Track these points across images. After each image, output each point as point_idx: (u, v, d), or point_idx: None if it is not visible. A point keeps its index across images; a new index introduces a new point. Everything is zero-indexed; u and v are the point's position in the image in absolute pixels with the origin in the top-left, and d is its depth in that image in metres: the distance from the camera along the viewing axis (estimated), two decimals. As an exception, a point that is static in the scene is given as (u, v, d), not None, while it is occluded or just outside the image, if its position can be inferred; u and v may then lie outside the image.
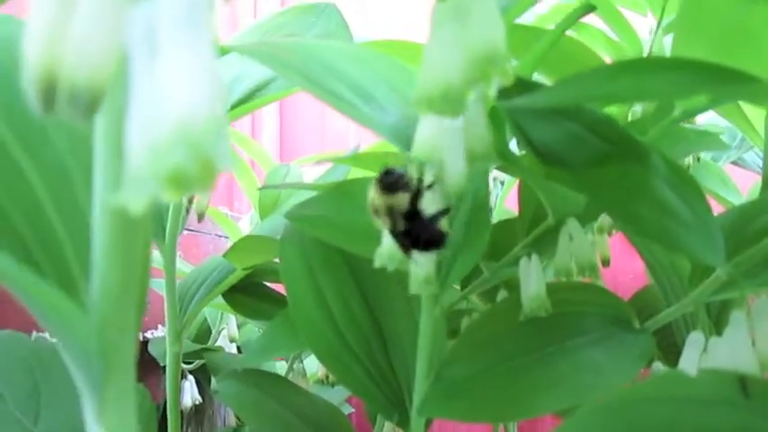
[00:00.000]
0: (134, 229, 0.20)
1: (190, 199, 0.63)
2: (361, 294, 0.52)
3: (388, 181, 0.31)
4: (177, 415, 0.62)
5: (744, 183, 0.88)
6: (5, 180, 0.22)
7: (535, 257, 0.47)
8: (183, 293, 0.60)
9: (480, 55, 0.24)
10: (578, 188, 0.34)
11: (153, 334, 0.91)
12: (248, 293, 0.64)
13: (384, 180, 0.31)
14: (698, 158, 0.78)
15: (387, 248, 0.37)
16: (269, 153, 0.91)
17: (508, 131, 0.39)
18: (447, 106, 0.25)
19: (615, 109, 0.57)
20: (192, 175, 0.14)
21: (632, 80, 0.26)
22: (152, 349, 0.80)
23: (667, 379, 0.34)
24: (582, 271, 0.50)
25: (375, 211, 0.32)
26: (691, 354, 0.43)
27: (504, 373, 0.43)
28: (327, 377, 0.77)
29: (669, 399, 0.33)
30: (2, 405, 0.46)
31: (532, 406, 0.41)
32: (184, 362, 0.87)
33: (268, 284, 0.68)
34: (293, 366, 0.78)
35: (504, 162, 0.38)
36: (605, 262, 0.66)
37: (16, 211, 0.21)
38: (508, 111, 0.31)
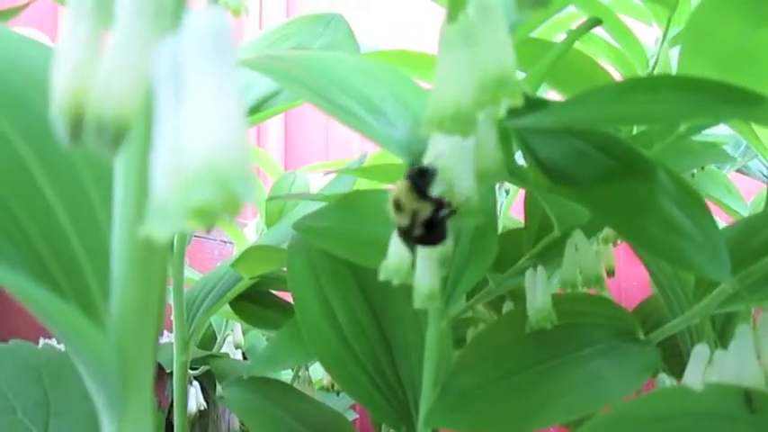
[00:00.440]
0: (153, 251, 0.21)
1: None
2: (367, 304, 0.52)
3: (424, 183, 0.30)
4: (184, 422, 0.63)
5: (748, 190, 0.88)
6: (26, 200, 0.22)
7: (541, 269, 0.48)
8: (191, 302, 0.61)
9: (490, 78, 0.25)
10: (584, 204, 0.34)
11: (159, 340, 0.91)
12: (255, 302, 0.64)
13: (419, 182, 0.30)
14: (702, 167, 0.78)
15: (392, 262, 0.37)
16: (275, 161, 0.91)
17: (514, 144, 0.39)
18: (458, 127, 0.25)
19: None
20: (218, 209, 0.14)
21: (639, 101, 0.27)
22: (158, 356, 0.80)
23: (673, 394, 0.35)
24: (587, 282, 0.50)
25: (397, 208, 0.32)
26: (696, 366, 0.43)
27: (509, 386, 0.43)
28: (333, 385, 0.77)
29: (675, 414, 0.33)
30: (11, 414, 0.47)
31: (538, 418, 0.41)
32: (190, 368, 0.87)
33: (275, 293, 0.68)
34: (299, 374, 0.78)
35: (511, 176, 0.38)
36: (610, 272, 0.66)
37: (36, 231, 0.22)
38: (515, 128, 0.32)
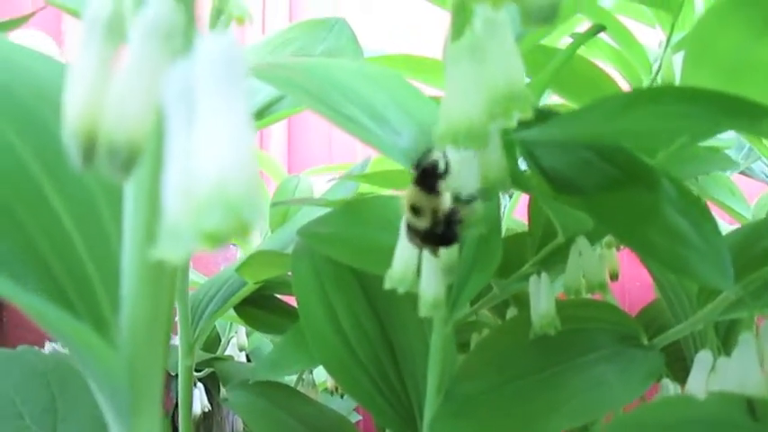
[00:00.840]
0: (162, 268, 0.21)
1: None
2: (372, 309, 0.52)
3: (434, 179, 0.30)
4: (189, 425, 0.63)
5: (751, 192, 0.88)
6: (36, 214, 0.22)
7: (544, 276, 0.48)
8: (195, 306, 0.61)
9: (501, 93, 0.25)
10: (588, 213, 0.34)
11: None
12: (260, 306, 0.65)
13: (430, 180, 0.30)
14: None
15: (397, 270, 0.38)
16: (278, 164, 0.92)
17: (517, 150, 0.39)
18: (471, 142, 0.26)
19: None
20: (228, 233, 0.14)
21: (643, 114, 0.27)
22: (163, 359, 0.80)
23: (676, 402, 0.35)
24: (591, 289, 0.50)
25: (416, 213, 0.31)
26: (699, 373, 0.44)
27: (513, 392, 0.44)
28: (337, 388, 0.78)
29: (678, 422, 0.33)
30: (19, 420, 0.47)
31: (543, 425, 0.41)
32: (194, 370, 0.88)
33: (280, 297, 0.68)
34: (302, 377, 0.78)
35: (515, 183, 0.38)
36: (614, 276, 0.66)
37: (47, 245, 0.22)
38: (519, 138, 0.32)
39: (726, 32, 0.29)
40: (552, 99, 0.68)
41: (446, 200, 0.31)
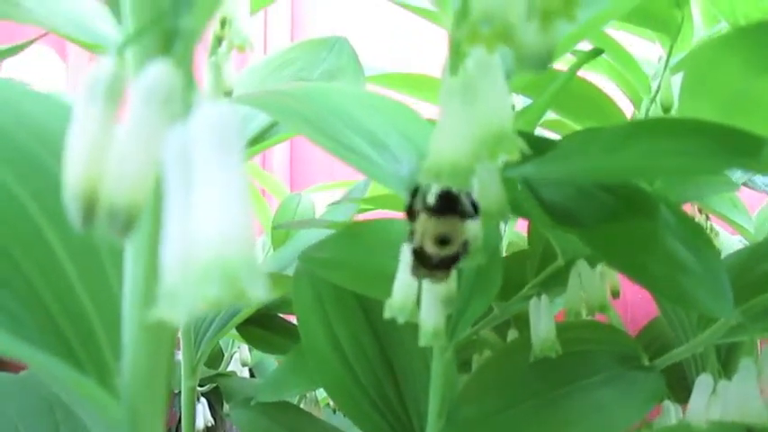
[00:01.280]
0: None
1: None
2: (373, 333, 0.53)
3: (457, 203, 0.29)
4: (192, 446, 0.63)
5: (752, 204, 0.88)
6: (38, 262, 0.23)
7: (545, 298, 0.48)
8: (198, 327, 0.61)
9: (487, 134, 0.25)
10: (586, 242, 0.34)
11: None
12: (262, 326, 0.65)
13: (454, 205, 0.29)
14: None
15: (397, 300, 0.38)
16: (280, 181, 0.92)
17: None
18: (454, 180, 0.26)
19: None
20: (225, 299, 0.15)
21: (640, 151, 0.27)
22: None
23: (677, 431, 0.35)
24: (592, 310, 0.50)
25: (445, 242, 0.30)
26: (700, 396, 0.44)
27: (514, 416, 0.44)
28: (339, 406, 0.78)
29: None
30: (23, 445, 0.47)
31: (544, 450, 0.41)
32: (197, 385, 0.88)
33: (282, 316, 0.68)
34: (305, 394, 0.78)
35: (515, 212, 0.38)
36: (615, 293, 0.66)
37: (50, 295, 0.22)
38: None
39: (723, 66, 0.29)
40: (549, 114, 0.68)
41: (463, 222, 0.30)
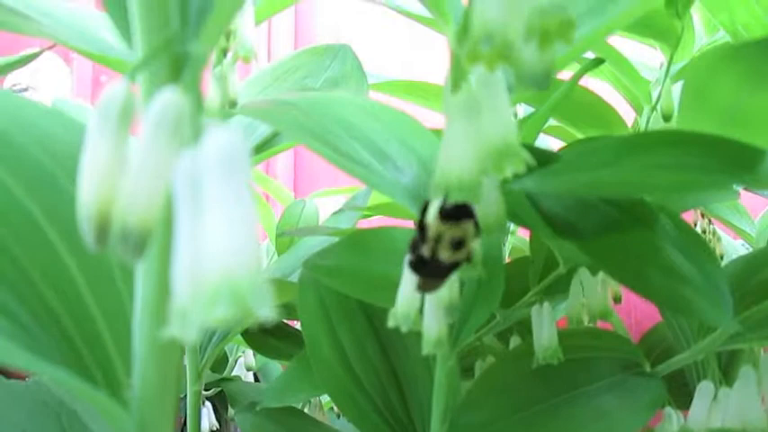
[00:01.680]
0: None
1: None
2: (377, 339, 0.53)
3: (467, 212, 0.29)
4: (197, 450, 0.64)
5: (755, 208, 0.89)
6: (54, 280, 0.23)
7: (547, 305, 0.48)
8: (203, 333, 0.62)
9: (492, 149, 0.26)
10: (586, 253, 0.35)
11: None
12: (267, 332, 0.66)
13: (466, 212, 0.29)
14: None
15: (401, 308, 0.38)
16: (284, 187, 0.93)
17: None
18: (463, 195, 0.26)
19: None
20: (234, 319, 0.15)
21: (637, 164, 0.28)
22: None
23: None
24: (594, 317, 0.51)
25: (461, 246, 0.31)
26: (701, 402, 0.44)
27: (516, 423, 0.44)
28: (343, 411, 0.78)
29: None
30: (31, 451, 0.48)
31: (546, 457, 0.42)
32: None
33: (287, 321, 0.69)
34: (309, 398, 0.79)
35: (516, 223, 0.39)
36: (617, 299, 0.67)
37: (63, 311, 0.23)
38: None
39: (719, 81, 0.30)
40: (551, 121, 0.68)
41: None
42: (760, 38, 0.25)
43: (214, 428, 0.98)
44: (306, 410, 0.78)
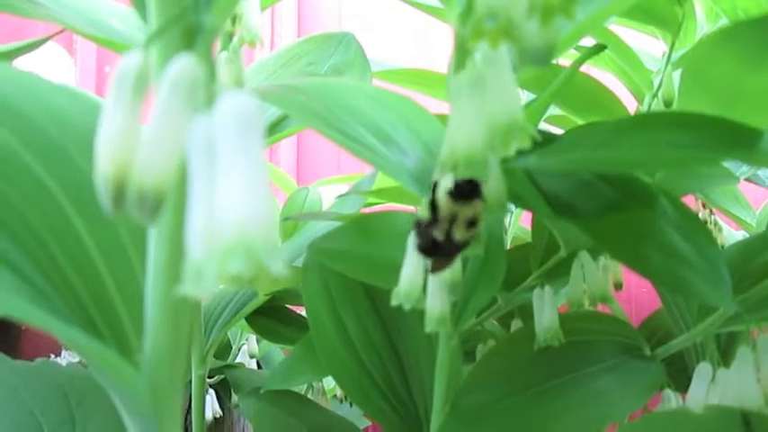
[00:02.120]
0: (184, 299, 0.22)
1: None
2: (380, 322, 0.54)
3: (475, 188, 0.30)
4: (203, 431, 0.65)
5: (757, 199, 0.89)
6: (67, 247, 0.24)
7: (548, 289, 0.49)
8: (208, 317, 0.62)
9: (499, 125, 0.26)
10: (586, 232, 0.35)
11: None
12: (271, 317, 0.66)
13: (476, 188, 0.30)
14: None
15: (404, 287, 0.39)
16: (288, 175, 0.93)
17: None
18: (471, 170, 0.27)
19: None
20: (248, 277, 0.16)
21: (637, 142, 0.28)
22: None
23: (673, 416, 0.36)
24: (594, 301, 0.51)
25: (474, 223, 0.31)
26: (699, 384, 0.45)
27: (518, 404, 0.45)
28: (346, 396, 0.79)
29: (676, 435, 0.35)
30: (38, 431, 0.49)
31: (546, 436, 0.42)
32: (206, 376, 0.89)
33: (291, 307, 0.70)
34: (312, 384, 0.80)
35: (517, 204, 0.40)
36: (618, 286, 0.67)
37: (75, 275, 0.23)
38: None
39: (718, 64, 0.30)
40: (553, 110, 0.69)
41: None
42: (756, 17, 0.26)
43: (217, 416, 0.99)
44: (309, 396, 0.79)
